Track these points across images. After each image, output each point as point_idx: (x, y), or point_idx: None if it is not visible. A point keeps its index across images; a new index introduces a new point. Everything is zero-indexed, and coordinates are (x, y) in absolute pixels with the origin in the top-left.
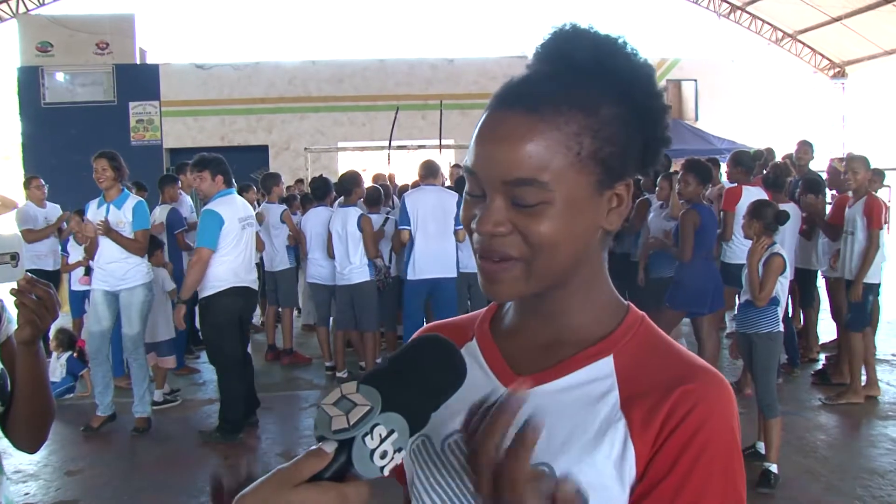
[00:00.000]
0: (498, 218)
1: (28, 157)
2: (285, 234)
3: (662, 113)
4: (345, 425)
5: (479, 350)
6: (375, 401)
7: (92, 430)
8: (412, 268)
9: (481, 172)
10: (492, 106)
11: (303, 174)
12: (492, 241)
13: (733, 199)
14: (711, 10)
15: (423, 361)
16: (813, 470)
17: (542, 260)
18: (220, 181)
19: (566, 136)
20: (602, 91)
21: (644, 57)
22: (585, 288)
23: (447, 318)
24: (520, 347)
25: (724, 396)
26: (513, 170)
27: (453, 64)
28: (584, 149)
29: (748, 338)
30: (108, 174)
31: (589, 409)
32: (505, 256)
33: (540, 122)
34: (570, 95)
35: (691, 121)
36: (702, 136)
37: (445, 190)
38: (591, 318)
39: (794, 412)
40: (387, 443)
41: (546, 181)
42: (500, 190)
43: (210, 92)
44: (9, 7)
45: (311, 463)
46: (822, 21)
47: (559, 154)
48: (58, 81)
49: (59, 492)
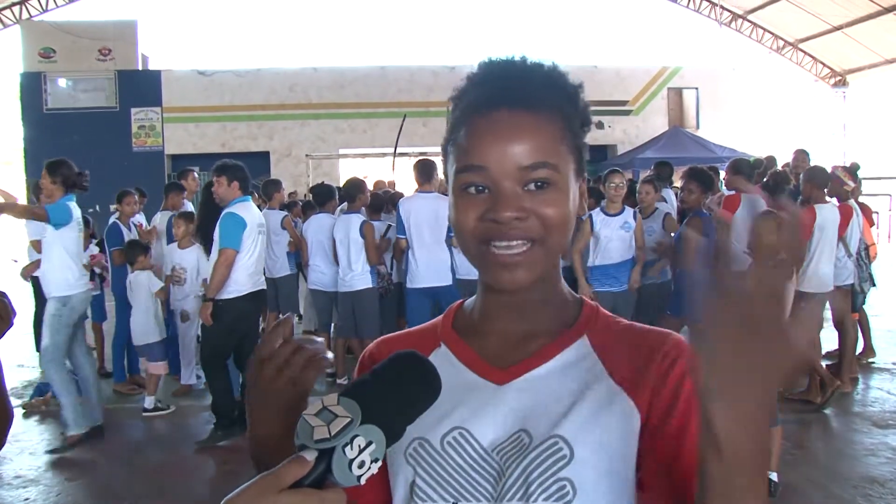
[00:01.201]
0: (519, 203)
1: (30, 163)
2: (286, 241)
3: (588, 124)
4: (326, 435)
5: (451, 354)
6: (356, 413)
7: (64, 449)
8: (411, 277)
9: (495, 165)
10: (483, 109)
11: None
12: (511, 227)
13: (732, 206)
14: (713, 19)
15: (402, 377)
16: (813, 478)
17: (555, 239)
18: (235, 187)
19: (558, 129)
20: (563, 97)
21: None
22: (554, 279)
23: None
24: (493, 344)
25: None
26: (530, 155)
27: (454, 71)
28: (567, 139)
29: None
30: (45, 182)
31: (582, 384)
32: (528, 238)
33: (538, 115)
34: (549, 99)
35: (692, 129)
36: (703, 144)
37: (441, 197)
38: (556, 309)
39: (794, 421)
40: (365, 453)
41: (556, 163)
42: (514, 177)
43: (212, 98)
44: (12, 13)
45: (293, 470)
46: (823, 30)
47: (558, 142)
48: (60, 87)
49: (59, 497)
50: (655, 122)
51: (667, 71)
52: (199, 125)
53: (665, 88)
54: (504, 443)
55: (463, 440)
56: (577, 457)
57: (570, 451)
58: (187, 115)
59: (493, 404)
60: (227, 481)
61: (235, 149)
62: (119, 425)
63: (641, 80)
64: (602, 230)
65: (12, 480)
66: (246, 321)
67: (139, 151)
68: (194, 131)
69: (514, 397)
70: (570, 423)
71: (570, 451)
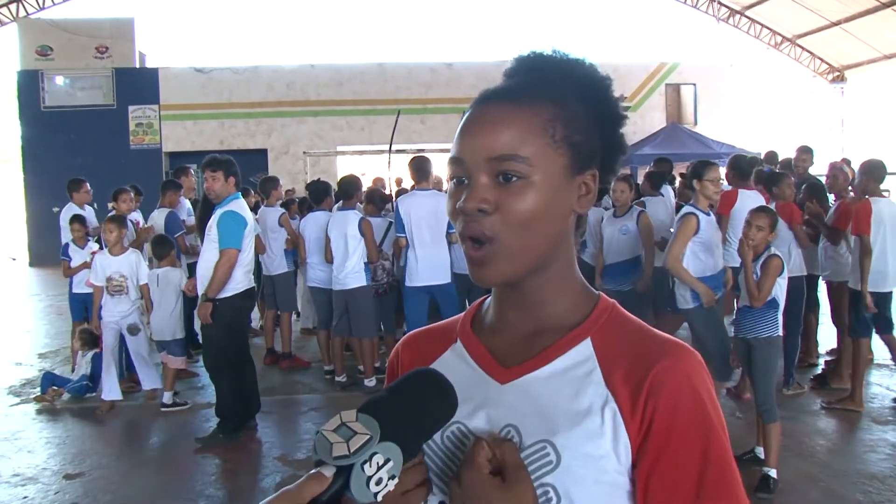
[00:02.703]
0: (483, 195)
1: (28, 161)
2: (283, 238)
3: (619, 118)
4: (345, 452)
5: (464, 350)
6: (374, 430)
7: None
8: (409, 275)
9: (467, 156)
10: (473, 105)
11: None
12: (472, 222)
13: (729, 202)
14: (710, 15)
15: (420, 395)
16: (812, 475)
17: (520, 239)
18: (231, 183)
19: (542, 121)
20: (568, 91)
21: (604, 73)
22: (561, 275)
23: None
24: (503, 341)
25: (695, 364)
26: (497, 147)
27: (452, 68)
28: (557, 133)
29: (747, 342)
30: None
31: (577, 390)
32: (480, 237)
33: (518, 108)
34: (542, 90)
35: (690, 125)
36: (701, 140)
37: (439, 194)
38: (567, 306)
39: (794, 417)
40: (383, 471)
41: (527, 156)
42: (484, 168)
43: (209, 96)
44: (9, 11)
45: (312, 486)
46: (821, 25)
47: (537, 135)
48: (57, 85)
49: (57, 495)
50: (653, 118)
51: (665, 67)
52: (196, 122)
53: (663, 84)
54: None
55: (461, 435)
56: (564, 464)
57: (556, 457)
58: (185, 112)
59: (493, 402)
60: (227, 479)
61: (233, 146)
62: (117, 423)
63: (639, 76)
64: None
65: (10, 479)
66: (243, 318)
67: (137, 149)
68: (192, 129)
69: (512, 397)
70: (560, 428)
71: (556, 457)
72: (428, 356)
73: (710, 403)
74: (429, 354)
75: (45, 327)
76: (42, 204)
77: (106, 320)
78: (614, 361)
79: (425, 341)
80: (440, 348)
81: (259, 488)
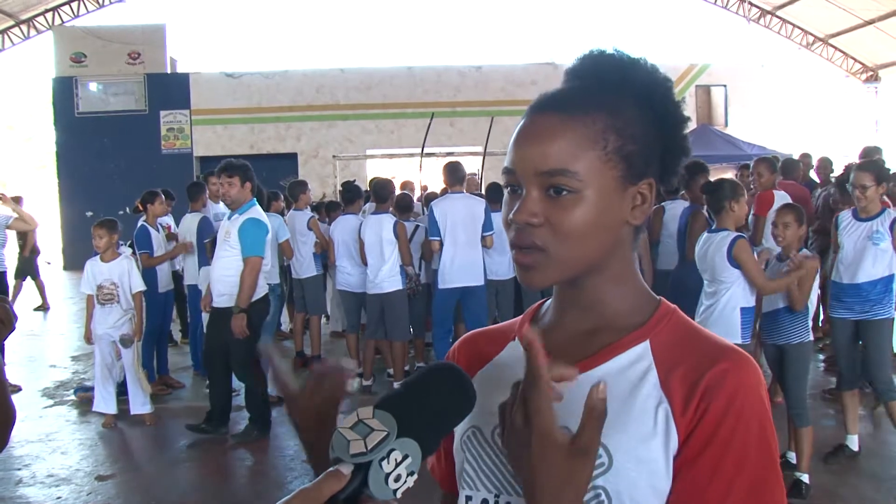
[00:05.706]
0: (533, 208)
1: (62, 166)
2: (312, 241)
3: (680, 121)
4: (363, 449)
5: (521, 347)
6: (392, 426)
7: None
8: (442, 277)
9: (519, 168)
10: (527, 113)
11: (331, 182)
12: (522, 232)
13: (766, 203)
14: (741, 16)
15: (437, 389)
16: (845, 479)
17: (568, 250)
18: (248, 188)
19: (593, 132)
20: (625, 97)
21: (664, 74)
22: (618, 279)
23: (482, 326)
24: (561, 339)
25: (752, 372)
26: (547, 161)
27: (481, 71)
28: (609, 144)
29: (779, 348)
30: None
31: (632, 391)
32: (530, 245)
33: (570, 120)
34: (596, 99)
35: (721, 126)
36: (731, 141)
37: (473, 197)
38: (626, 307)
39: (825, 422)
40: (401, 467)
41: (576, 171)
42: (534, 182)
43: (239, 100)
44: (45, 19)
45: (330, 484)
46: (853, 24)
47: (587, 148)
48: (91, 91)
49: (90, 496)
50: None
51: (695, 68)
52: (227, 127)
53: (693, 86)
54: None
55: None
56: (616, 466)
57: (608, 459)
58: (215, 117)
59: None
60: (256, 481)
61: (263, 150)
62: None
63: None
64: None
65: (45, 479)
66: (264, 321)
67: (168, 154)
68: (222, 133)
69: (566, 395)
70: (613, 430)
71: (608, 459)
72: (485, 355)
73: (762, 408)
74: (486, 353)
75: (78, 330)
76: (76, 208)
77: (98, 332)
78: (671, 364)
79: (483, 341)
80: (497, 347)
81: (287, 490)
